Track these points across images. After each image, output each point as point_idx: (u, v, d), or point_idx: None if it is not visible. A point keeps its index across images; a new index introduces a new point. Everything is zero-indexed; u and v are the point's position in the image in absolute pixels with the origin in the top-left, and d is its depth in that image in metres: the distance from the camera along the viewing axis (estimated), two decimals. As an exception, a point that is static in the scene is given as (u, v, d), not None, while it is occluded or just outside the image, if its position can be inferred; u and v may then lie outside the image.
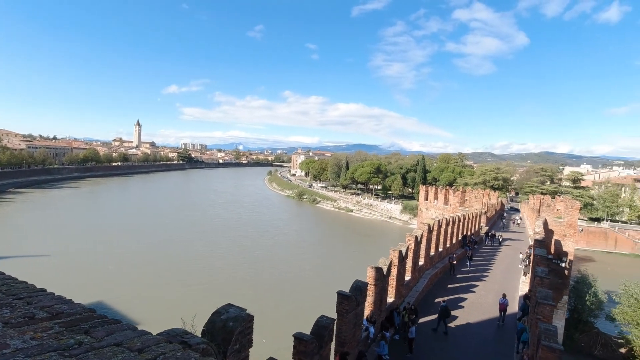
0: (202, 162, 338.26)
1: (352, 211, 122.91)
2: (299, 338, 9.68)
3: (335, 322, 11.90)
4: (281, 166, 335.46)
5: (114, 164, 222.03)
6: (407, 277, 21.66)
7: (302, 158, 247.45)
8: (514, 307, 21.97)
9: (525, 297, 20.69)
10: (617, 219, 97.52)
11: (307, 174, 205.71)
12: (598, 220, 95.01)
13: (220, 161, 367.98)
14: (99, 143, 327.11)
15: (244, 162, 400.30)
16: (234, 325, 6.95)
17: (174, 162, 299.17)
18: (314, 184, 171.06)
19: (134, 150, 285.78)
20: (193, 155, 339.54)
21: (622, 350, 37.06)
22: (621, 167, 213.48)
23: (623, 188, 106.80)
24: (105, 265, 53.81)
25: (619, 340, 37.93)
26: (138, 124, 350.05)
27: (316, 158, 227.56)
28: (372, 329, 15.44)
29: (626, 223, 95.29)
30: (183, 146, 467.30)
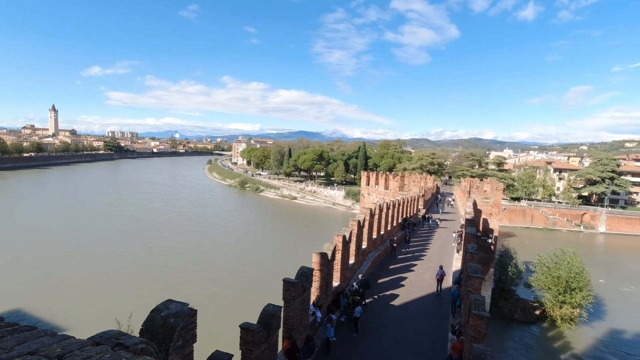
0: (134, 151, 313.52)
1: (296, 199, 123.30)
2: (245, 328, 9.44)
3: (282, 309, 11.81)
4: (221, 155, 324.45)
5: (25, 154, 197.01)
6: (351, 261, 22.18)
7: (243, 146, 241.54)
8: (448, 281, 23.60)
9: (461, 272, 22.30)
10: (533, 197, 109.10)
11: (249, 163, 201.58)
12: (518, 199, 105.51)
13: (155, 150, 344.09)
14: (4, 131, 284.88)
15: (181, 151, 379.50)
16: (176, 321, 6.54)
17: (100, 152, 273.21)
18: (256, 173, 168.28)
19: (50, 139, 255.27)
20: (123, 145, 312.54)
21: (537, 312, 41.97)
22: (536, 152, 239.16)
23: (537, 170, 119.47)
24: (24, 270, 48.40)
25: (534, 304, 42.89)
26: (53, 109, 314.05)
27: (258, 146, 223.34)
28: (319, 313, 15.63)
29: (540, 201, 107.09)
30: (110, 134, 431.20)
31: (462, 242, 26.01)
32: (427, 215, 44.56)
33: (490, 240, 38.77)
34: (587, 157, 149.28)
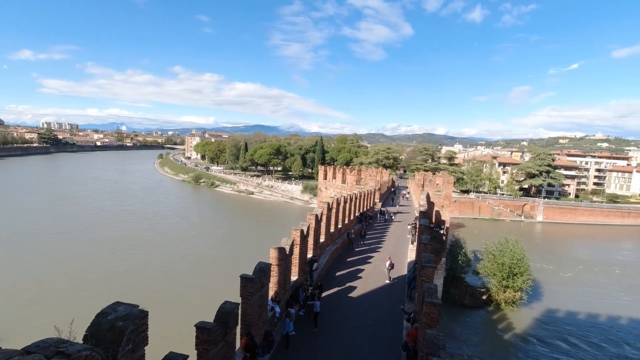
0: (74, 144, 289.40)
1: (252, 193, 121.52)
2: (201, 327, 9.12)
3: (240, 306, 11.56)
4: (174, 149, 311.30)
5: None
6: (310, 255, 22.23)
7: (197, 140, 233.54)
8: (402, 271, 24.41)
9: (415, 262, 23.14)
10: (481, 190, 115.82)
11: (203, 157, 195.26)
12: (467, 192, 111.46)
13: (98, 143, 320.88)
14: None
15: (128, 144, 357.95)
16: (125, 324, 6.15)
17: (34, 144, 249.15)
18: (211, 167, 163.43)
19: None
20: (61, 137, 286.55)
21: (484, 297, 44.77)
22: (483, 147, 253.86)
23: (484, 164, 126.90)
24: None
25: (482, 290, 45.71)
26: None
27: (213, 140, 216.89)
28: (277, 309, 15.50)
29: (487, 193, 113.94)
30: (45, 125, 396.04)
31: (416, 233, 26.97)
32: (382, 209, 45.71)
33: (442, 231, 40.50)
34: (527, 152, 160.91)
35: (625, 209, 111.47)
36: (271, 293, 15.61)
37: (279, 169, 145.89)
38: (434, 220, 40.99)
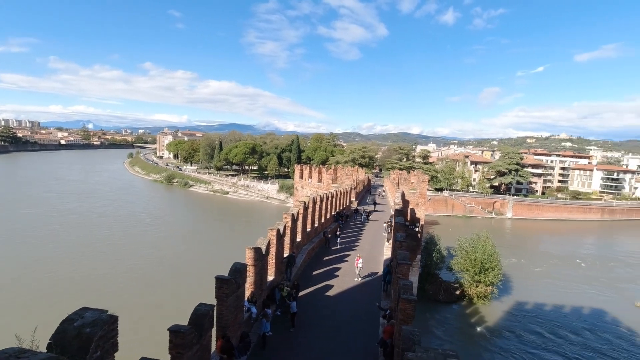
0: (36, 143, 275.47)
1: (228, 193, 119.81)
2: (174, 331, 8.86)
3: (215, 307, 11.33)
4: (145, 148, 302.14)
5: None
6: (286, 254, 22.10)
7: (169, 139, 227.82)
8: (378, 268, 24.69)
9: (391, 260, 23.43)
10: (454, 188, 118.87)
11: (176, 156, 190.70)
12: (441, 190, 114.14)
13: (63, 142, 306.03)
14: None
15: (95, 143, 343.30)
16: (93, 330, 5.88)
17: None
18: (184, 167, 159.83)
19: None
20: (20, 135, 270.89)
21: (457, 292, 45.99)
22: (456, 146, 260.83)
23: (457, 163, 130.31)
24: None
25: (455, 285, 46.92)
26: None
27: (186, 138, 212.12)
28: (254, 309, 15.31)
29: (459, 191, 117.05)
30: (3, 123, 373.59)
31: (392, 231, 27.34)
32: (358, 208, 46.01)
33: (417, 229, 41.34)
34: (497, 152, 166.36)
35: (587, 205, 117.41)
36: (247, 294, 15.40)
37: (255, 168, 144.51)
38: (409, 218, 41.76)
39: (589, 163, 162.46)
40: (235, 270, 13.08)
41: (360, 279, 22.91)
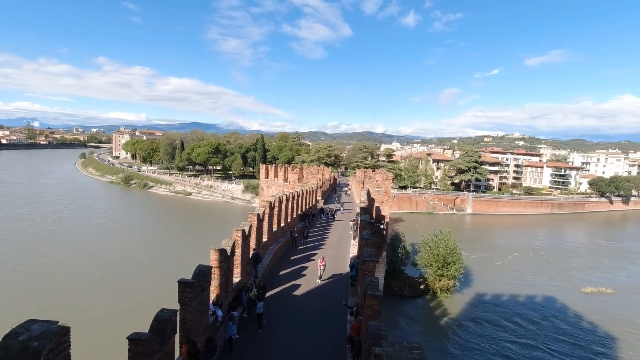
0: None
1: (191, 194, 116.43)
2: (134, 339, 8.42)
3: (179, 312, 10.91)
4: (99, 147, 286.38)
5: None
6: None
7: (127, 138, 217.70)
8: (345, 266, 24.87)
9: (357, 257, 23.67)
10: (417, 185, 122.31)
11: (134, 156, 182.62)
12: (405, 187, 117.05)
13: (4, 141, 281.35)
14: None
15: (42, 142, 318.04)
16: (41, 344, 5.43)
17: None
18: (143, 167, 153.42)
19: None
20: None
21: (422, 286, 47.35)
22: (418, 145, 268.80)
23: (420, 161, 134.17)
24: None
25: (420, 280, 48.27)
26: None
27: (145, 138, 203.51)
28: (219, 312, 14.91)
29: (423, 188, 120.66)
30: None
31: (358, 229, 27.64)
32: (324, 207, 46.11)
33: (382, 226, 41.98)
34: (457, 150, 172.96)
35: (538, 200, 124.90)
36: (212, 297, 14.99)
37: (219, 168, 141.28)
38: (374, 215, 42.38)
39: (539, 161, 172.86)
40: (199, 273, 12.68)
41: (320, 281, 22.44)
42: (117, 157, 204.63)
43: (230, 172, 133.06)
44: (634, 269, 64.83)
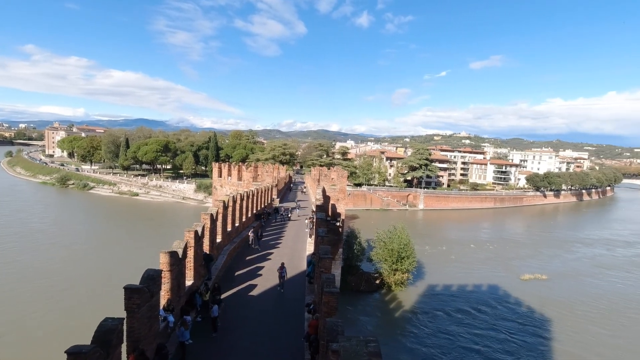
0: None
1: (138, 195, 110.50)
2: (74, 352, 7.69)
3: (125, 320, 10.18)
4: (29, 145, 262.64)
5: None
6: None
7: (62, 134, 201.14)
8: (301, 264, 24.78)
9: (313, 254, 23.65)
10: (372, 183, 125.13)
11: (71, 155, 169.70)
12: (360, 185, 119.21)
13: None
14: None
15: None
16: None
17: None
18: (83, 167, 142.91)
19: None
20: None
21: (377, 281, 48.49)
22: (372, 143, 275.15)
23: (374, 159, 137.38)
24: None
25: (375, 275, 49.38)
26: None
27: (83, 134, 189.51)
28: (171, 318, 14.18)
29: (377, 186, 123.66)
30: None
31: (314, 227, 27.66)
32: (279, 206, 45.64)
33: (338, 223, 42.40)
34: (409, 148, 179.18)
35: (483, 195, 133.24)
36: (163, 302, 14.23)
37: (169, 167, 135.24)
38: (330, 213, 42.64)
39: (483, 158, 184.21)
40: (148, 278, 11.93)
41: (281, 288, 20.68)
42: (51, 156, 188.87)
43: (181, 171, 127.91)
44: (566, 256, 71.07)
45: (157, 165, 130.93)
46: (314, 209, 33.78)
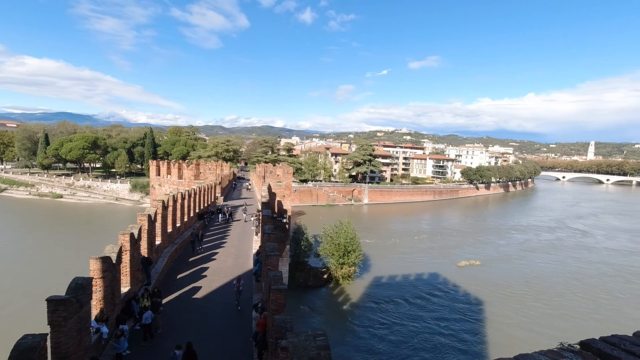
0: None
1: (62, 197, 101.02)
2: (-16, 379, 6.70)
3: (49, 336, 9.13)
4: None
5: None
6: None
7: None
8: (248, 263, 24.23)
9: (258, 252, 23.18)
10: (317, 179, 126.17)
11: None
12: (305, 181, 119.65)
13: None
14: None
15: None
16: None
17: None
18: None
19: None
20: None
21: (325, 276, 49.09)
22: (317, 139, 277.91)
23: (319, 155, 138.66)
24: None
25: (323, 270, 49.95)
26: None
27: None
28: (104, 329, 13.05)
29: (322, 182, 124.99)
30: None
31: (260, 224, 27.16)
32: (221, 206, 44.05)
33: (285, 220, 42.14)
34: (354, 144, 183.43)
35: (423, 188, 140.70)
36: (95, 312, 13.05)
37: (98, 165, 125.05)
38: (276, 210, 42.27)
39: (423, 154, 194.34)
40: (76, 287, 10.79)
41: (240, 305, 18.26)
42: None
43: (114, 170, 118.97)
44: (498, 242, 77.41)
45: (85, 164, 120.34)
46: (260, 206, 33.20)
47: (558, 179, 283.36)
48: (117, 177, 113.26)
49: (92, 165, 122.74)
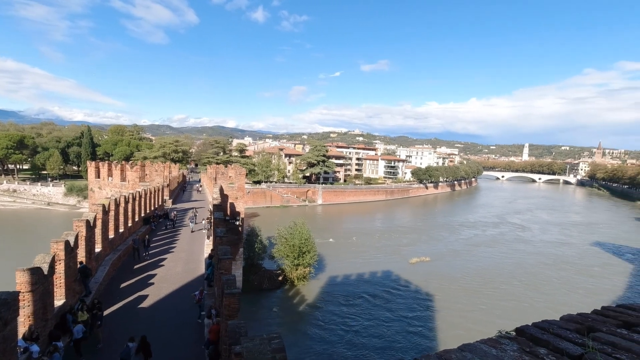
0: None
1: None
2: None
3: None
4: None
5: None
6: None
7: None
8: (199, 268, 23.21)
9: (210, 256, 22.27)
10: (271, 180, 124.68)
11: None
12: (259, 182, 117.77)
13: None
14: None
15: None
16: None
17: None
18: None
19: None
20: None
21: (280, 278, 48.49)
22: (271, 140, 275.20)
23: (273, 156, 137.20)
24: None
25: (278, 272, 49.32)
26: None
27: None
28: (34, 348, 11.72)
29: (276, 183, 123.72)
30: None
31: (212, 227, 26.17)
32: (168, 210, 41.95)
33: (238, 222, 41.12)
34: (307, 145, 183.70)
35: (375, 188, 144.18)
36: (23, 329, 11.69)
37: (26, 167, 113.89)
38: (229, 212, 41.13)
39: (375, 154, 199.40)
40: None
41: (202, 320, 16.89)
42: None
43: (45, 172, 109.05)
44: (447, 238, 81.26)
45: (9, 165, 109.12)
46: (211, 209, 32.05)
47: (498, 178, 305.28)
48: (49, 179, 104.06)
49: (17, 166, 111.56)
